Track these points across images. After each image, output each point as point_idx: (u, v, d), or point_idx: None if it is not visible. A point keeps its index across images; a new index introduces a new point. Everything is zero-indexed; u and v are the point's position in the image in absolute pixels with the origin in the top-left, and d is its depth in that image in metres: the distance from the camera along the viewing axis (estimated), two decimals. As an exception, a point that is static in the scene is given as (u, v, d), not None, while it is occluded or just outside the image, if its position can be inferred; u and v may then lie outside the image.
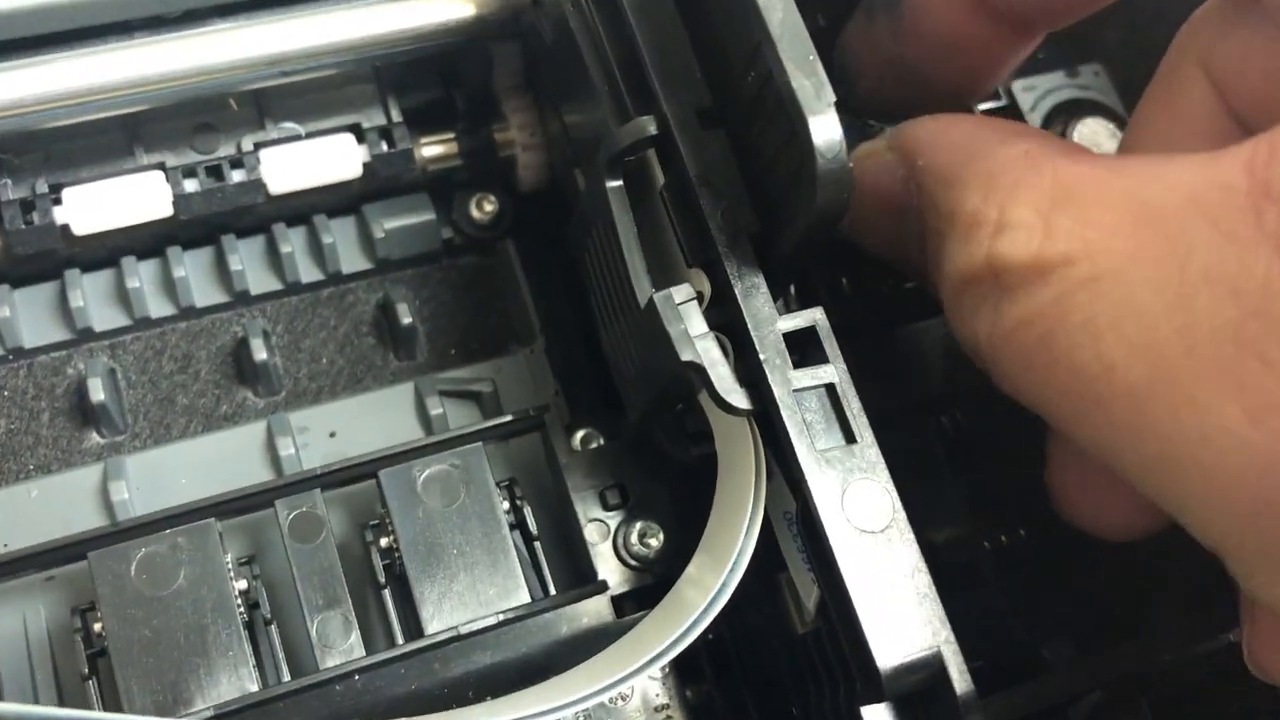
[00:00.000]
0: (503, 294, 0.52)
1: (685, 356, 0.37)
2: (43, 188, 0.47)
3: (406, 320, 0.50)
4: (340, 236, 0.51)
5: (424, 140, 0.52)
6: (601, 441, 0.48)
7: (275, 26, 0.47)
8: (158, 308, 0.49)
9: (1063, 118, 0.52)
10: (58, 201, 0.47)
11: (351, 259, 0.51)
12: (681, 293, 0.38)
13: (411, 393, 0.50)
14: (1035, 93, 0.52)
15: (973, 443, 0.47)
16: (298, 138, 0.50)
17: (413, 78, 0.52)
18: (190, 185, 0.48)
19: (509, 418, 0.46)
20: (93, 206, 0.47)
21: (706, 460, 0.42)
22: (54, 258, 0.48)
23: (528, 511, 0.45)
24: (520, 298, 0.52)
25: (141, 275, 0.49)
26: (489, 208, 0.53)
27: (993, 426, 0.46)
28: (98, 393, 0.46)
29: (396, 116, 0.51)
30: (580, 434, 0.48)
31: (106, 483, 0.46)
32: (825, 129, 0.34)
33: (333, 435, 0.49)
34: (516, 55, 0.51)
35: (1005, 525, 0.46)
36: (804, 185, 0.34)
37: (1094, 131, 0.51)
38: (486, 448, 0.46)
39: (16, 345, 0.48)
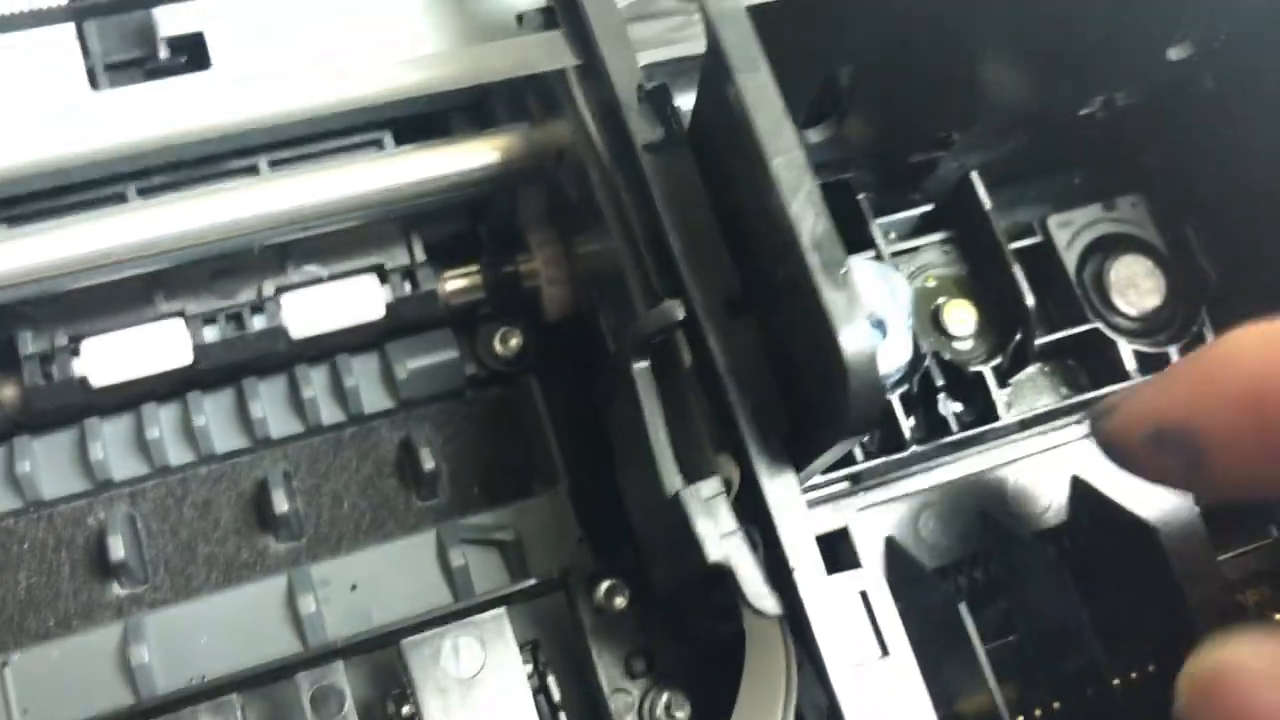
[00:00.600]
0: (527, 431, 0.52)
1: (713, 558, 0.36)
2: (61, 340, 0.47)
3: (429, 465, 0.49)
4: (363, 376, 0.50)
5: (448, 274, 0.51)
6: (627, 596, 0.47)
7: (300, 181, 0.47)
8: (178, 455, 0.49)
9: (1099, 255, 0.51)
10: (76, 353, 0.46)
11: (374, 399, 0.51)
12: (710, 487, 0.37)
13: (434, 541, 0.49)
14: (1071, 228, 0.51)
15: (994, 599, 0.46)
16: (319, 280, 0.49)
17: (437, 214, 0.51)
18: (210, 333, 0.48)
19: (532, 581, 0.45)
20: (111, 358, 0.47)
21: (737, 634, 0.41)
22: (74, 406, 0.47)
23: (551, 680, 0.44)
24: (544, 436, 0.51)
25: (162, 422, 0.48)
26: (513, 342, 0.52)
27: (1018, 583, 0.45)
28: (118, 550, 0.46)
29: (420, 255, 0.50)
30: (605, 586, 0.47)
31: (127, 645, 0.45)
32: (857, 343, 0.33)
33: (354, 588, 0.48)
34: (542, 193, 0.50)
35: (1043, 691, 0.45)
36: (835, 397, 0.34)
37: (1131, 271, 0.50)
38: (510, 609, 0.45)
39: (37, 498, 0.47)
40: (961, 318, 0.48)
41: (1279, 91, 0.48)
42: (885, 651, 0.35)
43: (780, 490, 0.36)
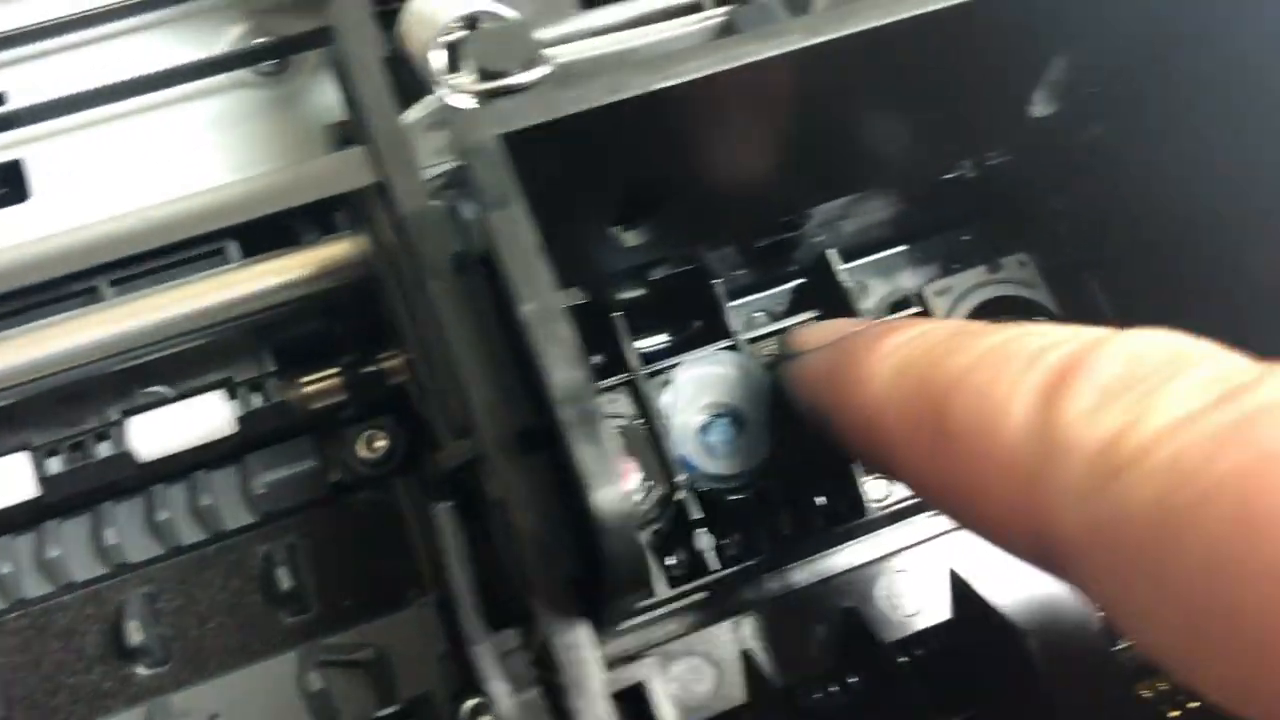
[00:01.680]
0: (397, 536, 0.50)
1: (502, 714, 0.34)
2: (-100, 481, 0.46)
3: (287, 585, 0.48)
4: (222, 492, 0.49)
5: (305, 379, 0.49)
6: (491, 716, 0.45)
7: (141, 302, 0.46)
8: (35, 587, 0.48)
9: (984, 319, 0.47)
10: (-84, 494, 0.46)
11: (235, 514, 0.49)
12: (505, 642, 0.35)
13: (295, 664, 0.47)
14: (951, 295, 0.48)
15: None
16: (166, 400, 0.48)
17: (291, 319, 0.49)
18: (56, 464, 0.47)
19: (382, 714, 0.44)
20: (-46, 497, 0.46)
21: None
22: (-77, 546, 0.47)
23: (403, 814, 0.43)
24: (411, 542, 0.49)
25: (17, 554, 0.47)
26: (379, 444, 0.50)
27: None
28: (-32, 695, 0.45)
29: (270, 365, 0.49)
30: (469, 705, 0.45)
31: (-23, 794, 0.45)
32: (609, 502, 0.30)
33: (214, 719, 0.47)
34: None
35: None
36: (599, 555, 0.31)
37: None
38: (365, 735, 0.43)
39: (-109, 641, 0.46)
40: (826, 405, 0.45)
41: (1161, 141, 0.45)
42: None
43: (569, 645, 0.34)
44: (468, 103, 0.35)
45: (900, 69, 0.39)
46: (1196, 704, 0.45)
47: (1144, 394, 0.26)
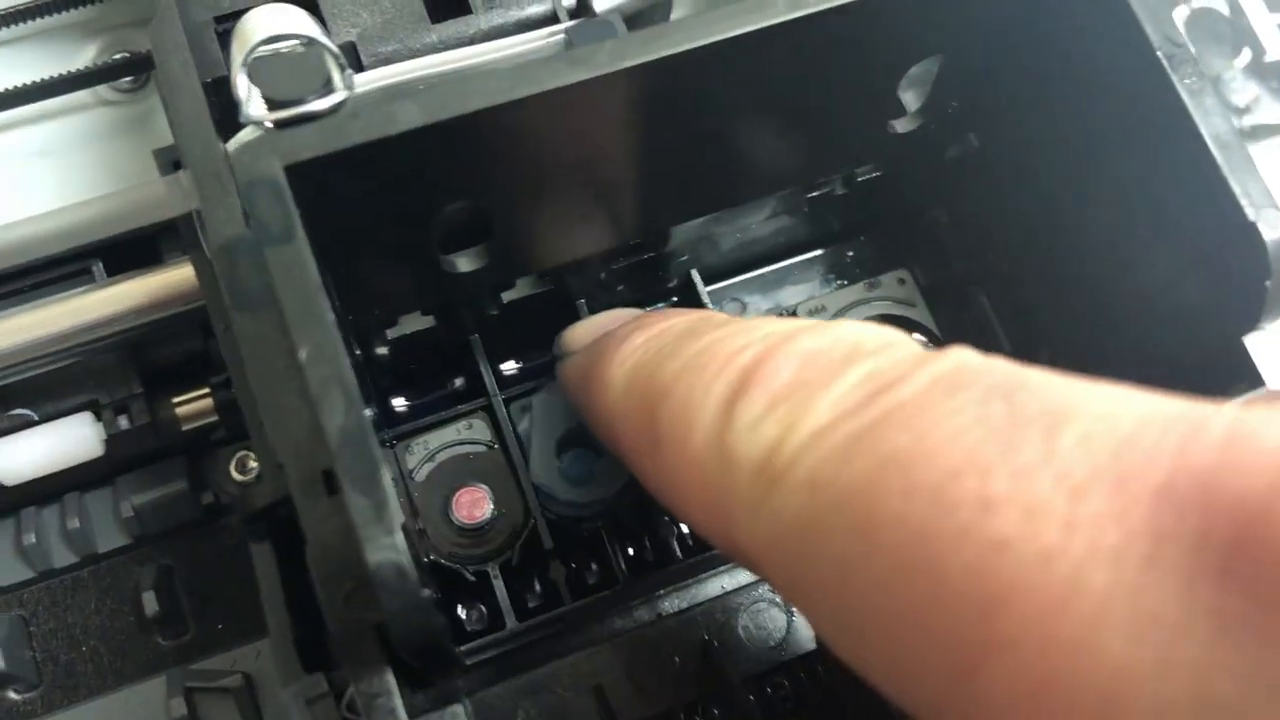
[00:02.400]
0: (272, 559, 0.49)
1: (311, 765, 0.34)
2: None
3: (154, 609, 0.47)
4: (95, 514, 0.48)
5: (176, 399, 0.49)
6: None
7: (3, 325, 0.45)
8: (-98, 611, 0.47)
9: (860, 340, 0.46)
10: None
11: (108, 537, 0.49)
12: (311, 686, 0.34)
13: (163, 690, 0.47)
14: (826, 315, 0.46)
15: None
16: (31, 423, 0.47)
17: (160, 336, 0.49)
18: (-83, 488, 0.46)
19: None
20: None
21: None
22: None
23: None
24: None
25: (-114, 578, 0.47)
26: (251, 466, 0.49)
27: None
28: None
29: (137, 387, 0.48)
30: (332, 733, 0.44)
31: None
32: (384, 557, 0.29)
33: (80, 745, 0.46)
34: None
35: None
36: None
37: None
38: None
39: None
40: (688, 429, 0.44)
41: (1046, 141, 0.43)
42: None
43: (372, 694, 0.33)
44: (255, 134, 0.34)
45: (745, 86, 0.37)
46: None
47: (802, 400, 0.26)
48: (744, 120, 0.39)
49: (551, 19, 0.43)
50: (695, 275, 0.44)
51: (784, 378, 0.26)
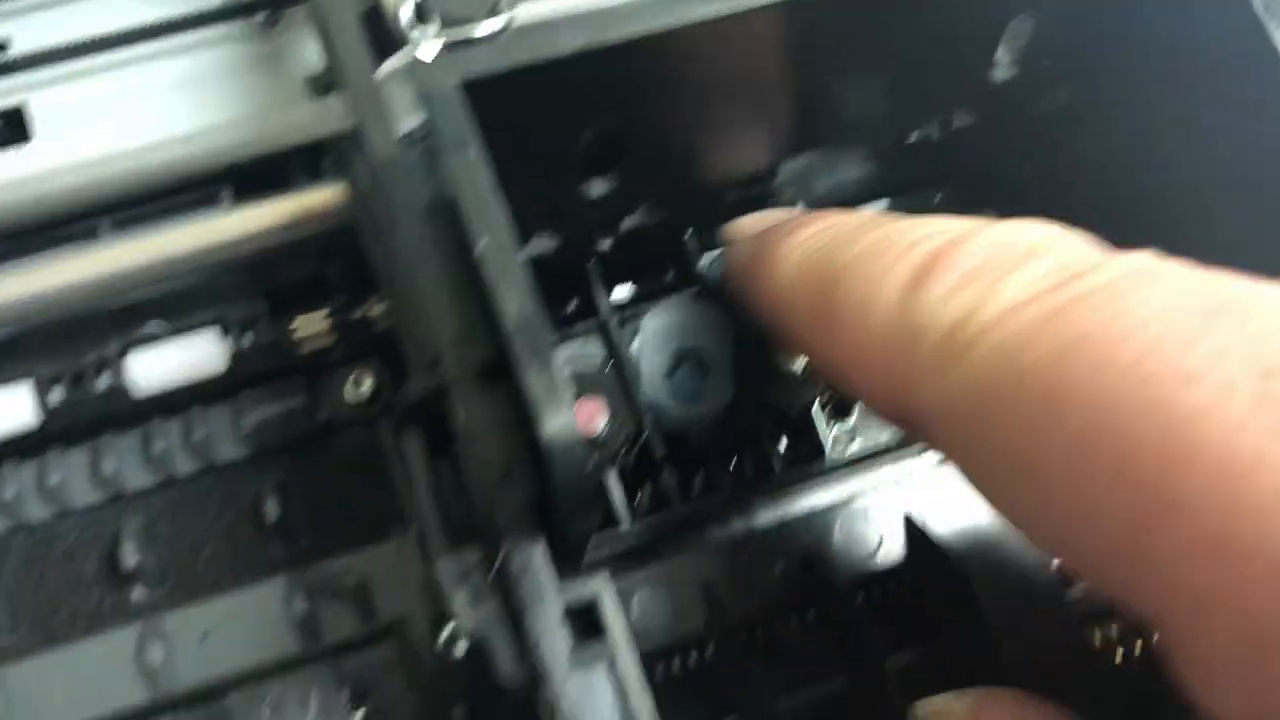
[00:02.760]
0: (382, 474, 0.52)
1: (465, 632, 0.37)
2: (-89, 408, 0.48)
3: (275, 515, 0.50)
4: (215, 427, 0.51)
5: (296, 321, 0.52)
6: (466, 643, 0.47)
7: (138, 242, 0.48)
8: (37, 511, 0.50)
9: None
10: (-75, 420, 0.48)
11: (228, 448, 0.51)
12: (468, 559, 0.37)
13: (283, 589, 0.50)
14: (916, 253, 0.49)
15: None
16: (163, 336, 0.50)
17: (284, 263, 0.52)
18: (56, 394, 0.49)
19: (360, 634, 0.46)
20: (-43, 422, 0.48)
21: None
22: (-69, 470, 0.49)
23: (375, 731, 0.45)
24: (396, 480, 0.51)
25: (21, 480, 0.50)
26: (365, 386, 0.52)
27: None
28: (-27, 609, 0.48)
29: (263, 306, 0.51)
30: (445, 632, 0.47)
31: (-19, 703, 0.47)
32: (557, 428, 0.32)
33: (204, 637, 0.49)
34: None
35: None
36: (549, 481, 0.33)
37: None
38: (345, 660, 0.46)
39: (-98, 559, 0.49)
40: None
41: (1136, 100, 0.46)
42: (630, 722, 0.35)
43: (526, 562, 0.36)
44: (433, 53, 0.37)
45: (866, 26, 0.40)
46: (1142, 650, 0.47)
47: (994, 279, 0.28)
48: (865, 59, 0.42)
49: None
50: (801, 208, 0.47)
51: (975, 261, 0.29)
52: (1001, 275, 0.28)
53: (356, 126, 0.40)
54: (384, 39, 0.41)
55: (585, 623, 0.36)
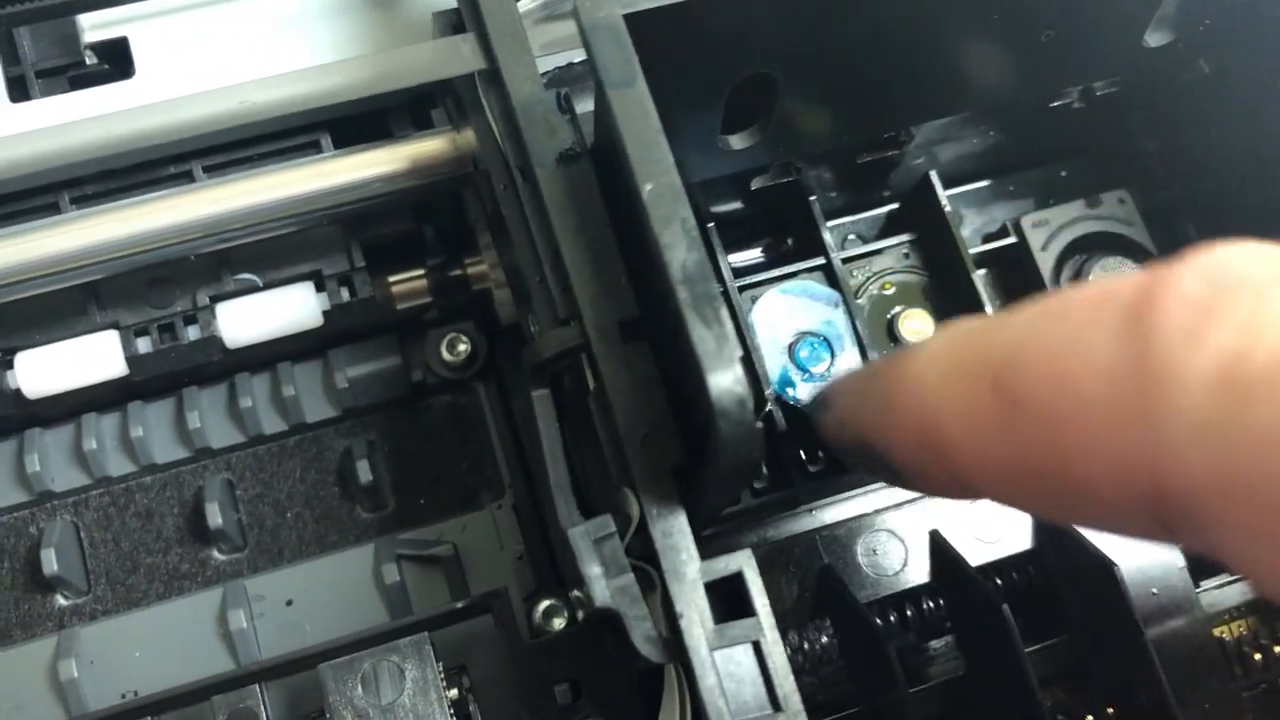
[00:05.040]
0: (475, 439, 0.50)
1: (598, 602, 0.34)
2: (-6, 353, 0.46)
3: (368, 478, 0.48)
4: (304, 385, 0.49)
5: (392, 279, 0.50)
6: (565, 617, 0.45)
7: (234, 187, 0.45)
8: (118, 466, 0.48)
9: (1080, 255, 0.47)
10: (9, 365, 0.46)
11: (317, 407, 0.49)
12: (600, 526, 0.35)
13: (371, 556, 0.48)
14: (1047, 228, 0.47)
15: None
16: (255, 288, 0.48)
17: (381, 218, 0.49)
18: (144, 344, 0.47)
19: (458, 605, 0.44)
20: (45, 370, 0.46)
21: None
22: (11, 418, 0.47)
23: (474, 707, 0.43)
24: (492, 446, 0.49)
25: (102, 432, 0.48)
26: (461, 348, 0.50)
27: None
28: (51, 564, 0.46)
29: (359, 261, 0.49)
30: (542, 606, 0.45)
31: (57, 660, 0.45)
32: (725, 383, 0.30)
33: (289, 604, 0.47)
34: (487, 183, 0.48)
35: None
36: (711, 440, 0.31)
37: (1116, 273, 0.46)
38: (440, 632, 0.44)
39: (-25, 509, 0.47)
40: (918, 328, 0.45)
41: (1270, 76, 0.44)
42: (777, 708, 0.33)
43: (668, 531, 0.34)
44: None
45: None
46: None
47: (1253, 306, 0.23)
48: (1023, 18, 0.40)
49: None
50: (934, 176, 0.45)
51: (1199, 290, 0.23)
52: (1259, 300, 0.23)
53: (493, 66, 0.38)
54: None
55: (728, 598, 0.34)
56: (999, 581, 0.43)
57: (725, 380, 0.30)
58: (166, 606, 0.47)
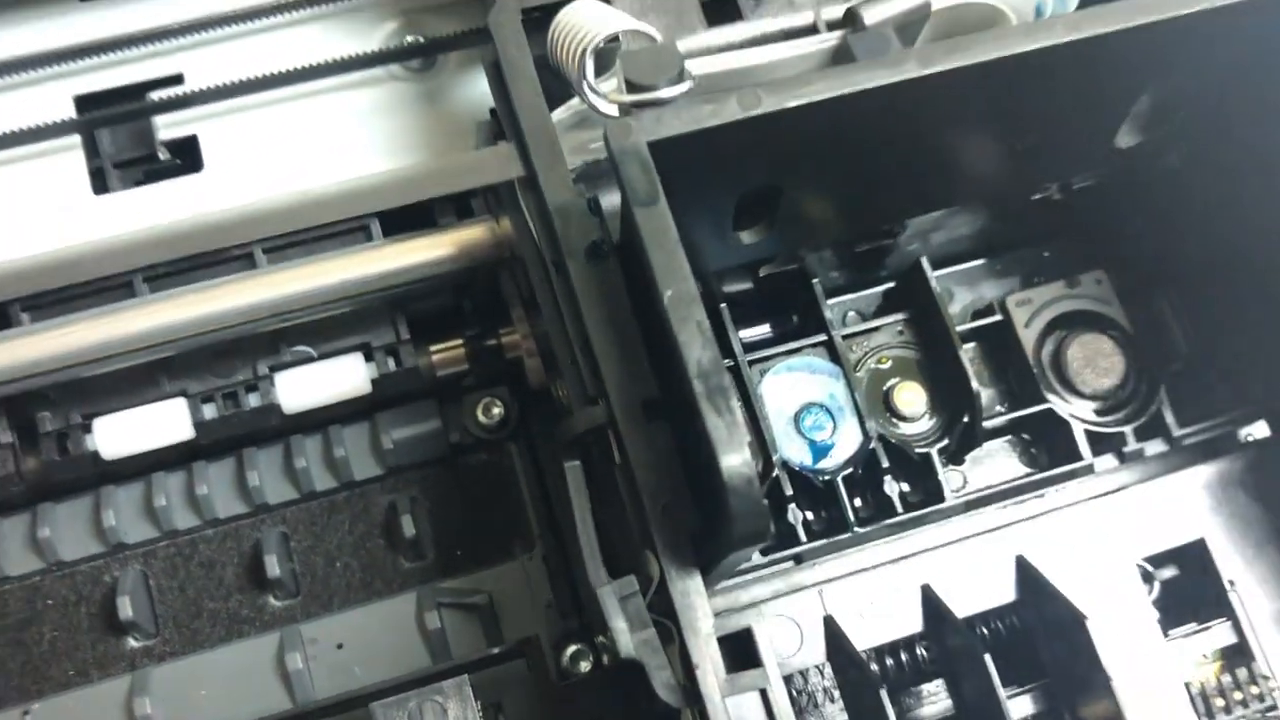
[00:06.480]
0: (508, 495, 0.55)
1: (624, 653, 0.39)
2: (75, 418, 0.51)
3: (410, 533, 0.52)
4: (353, 445, 0.54)
5: (433, 348, 0.54)
6: (591, 660, 0.49)
7: (292, 271, 0.51)
8: (184, 520, 0.53)
9: (1060, 332, 0.51)
10: (88, 430, 0.51)
11: (364, 466, 0.54)
12: (626, 585, 0.40)
13: (414, 603, 0.52)
14: (1030, 307, 0.51)
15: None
16: (310, 359, 0.53)
17: (424, 294, 0.54)
18: (209, 410, 0.52)
19: (495, 651, 0.49)
20: (120, 434, 0.51)
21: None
22: (88, 476, 0.52)
23: (509, 742, 0.47)
24: (523, 501, 0.54)
25: (169, 490, 0.53)
26: (495, 411, 0.55)
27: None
28: (126, 610, 0.50)
29: (404, 334, 0.54)
30: (570, 651, 0.50)
31: (133, 698, 0.50)
32: (735, 465, 0.35)
33: (340, 647, 0.52)
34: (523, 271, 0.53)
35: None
36: (723, 511, 0.36)
37: (1090, 350, 0.51)
38: (477, 674, 0.48)
39: (57, 559, 0.52)
40: (911, 399, 0.50)
41: (1242, 167, 0.48)
42: (784, 748, 0.38)
43: (685, 592, 0.39)
44: (611, 110, 0.40)
45: (1003, 99, 0.43)
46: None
47: None
48: (1000, 128, 0.44)
49: (812, 29, 0.49)
50: (925, 262, 0.50)
51: None
52: None
53: (531, 172, 0.43)
54: (549, 89, 0.44)
55: (738, 650, 0.39)
56: (984, 631, 0.48)
57: (735, 461, 0.35)
58: (228, 649, 0.52)
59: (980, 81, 0.41)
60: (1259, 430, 0.52)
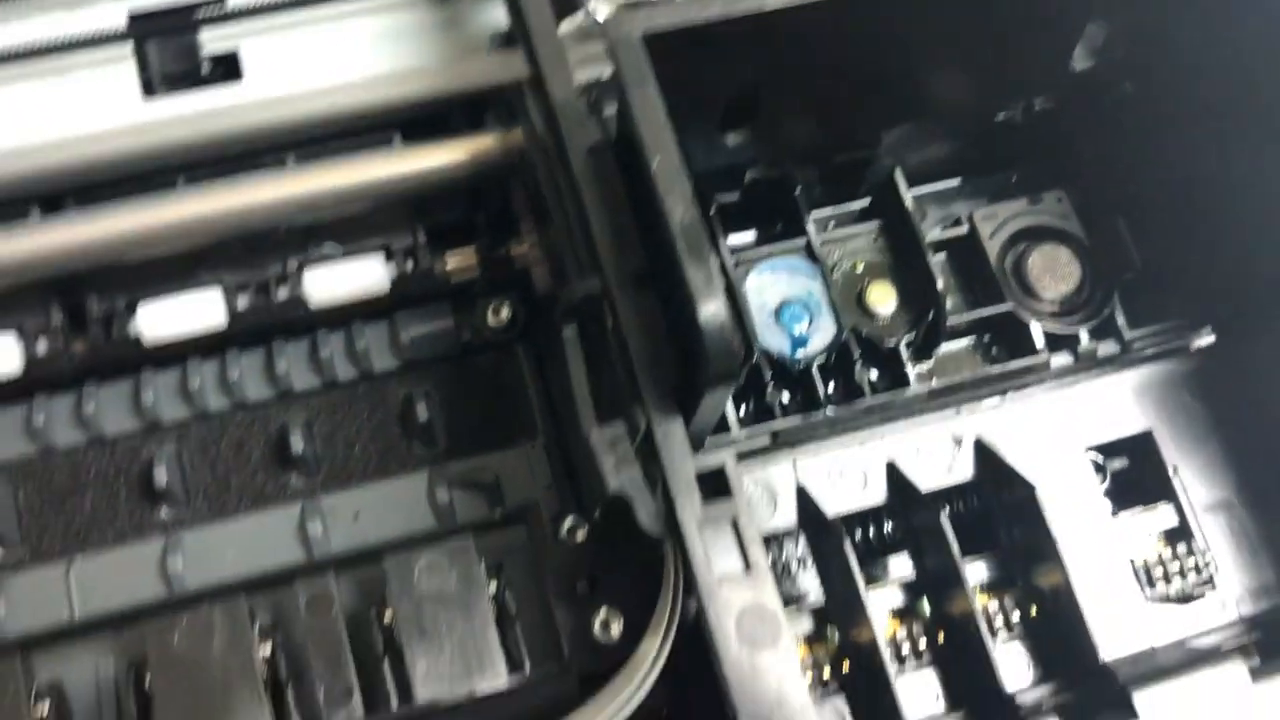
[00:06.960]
0: (513, 391, 0.59)
1: (612, 488, 0.44)
2: (121, 304, 0.56)
3: (424, 418, 0.57)
4: (373, 340, 0.59)
5: (448, 254, 0.59)
6: (585, 531, 0.54)
7: (319, 172, 0.56)
8: (216, 402, 0.58)
9: (1022, 244, 0.56)
10: (132, 314, 0.56)
11: (382, 359, 0.59)
12: (615, 431, 0.45)
13: (426, 481, 0.57)
14: (995, 221, 0.56)
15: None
16: (335, 258, 0.58)
17: (441, 200, 0.59)
18: (242, 301, 0.57)
19: (497, 514, 0.53)
20: (161, 319, 0.56)
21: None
22: (131, 359, 0.57)
23: (509, 595, 0.52)
24: (527, 396, 0.59)
25: (203, 374, 0.58)
26: (504, 314, 0.60)
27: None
28: (161, 478, 0.55)
29: (422, 238, 0.59)
30: (567, 523, 0.55)
31: (166, 556, 0.55)
32: (711, 309, 0.39)
33: (357, 517, 0.57)
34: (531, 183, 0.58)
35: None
36: (700, 354, 0.40)
37: (1049, 259, 0.55)
38: (481, 539, 0.53)
39: (100, 434, 0.57)
40: (882, 296, 0.54)
41: (1192, 94, 0.53)
42: (748, 566, 0.42)
43: (668, 433, 0.43)
44: (607, 15, 0.45)
45: (960, 15, 0.48)
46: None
47: None
48: (959, 43, 0.49)
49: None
50: (898, 173, 0.54)
51: None
52: None
53: (538, 74, 0.48)
54: (558, 5, 0.49)
55: (714, 486, 0.43)
56: (945, 505, 0.52)
57: (712, 307, 0.40)
58: (254, 518, 0.57)
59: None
60: (1205, 338, 0.56)
